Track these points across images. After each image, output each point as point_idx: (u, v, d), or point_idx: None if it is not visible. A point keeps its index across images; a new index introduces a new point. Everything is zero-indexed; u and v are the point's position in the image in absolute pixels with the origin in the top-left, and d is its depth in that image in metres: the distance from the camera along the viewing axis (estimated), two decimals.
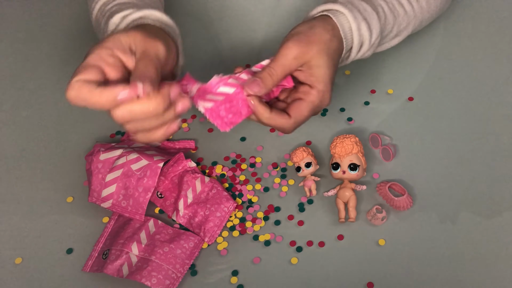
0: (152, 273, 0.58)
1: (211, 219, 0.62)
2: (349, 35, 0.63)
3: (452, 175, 0.66)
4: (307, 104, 0.60)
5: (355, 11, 0.63)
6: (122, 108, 0.51)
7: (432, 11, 0.72)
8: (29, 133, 0.74)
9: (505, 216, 0.62)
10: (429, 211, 0.63)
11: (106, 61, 0.53)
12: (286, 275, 0.60)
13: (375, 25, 0.64)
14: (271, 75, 0.59)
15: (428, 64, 0.77)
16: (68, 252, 0.63)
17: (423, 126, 0.70)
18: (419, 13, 0.70)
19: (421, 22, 0.72)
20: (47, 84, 0.79)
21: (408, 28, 0.70)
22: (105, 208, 0.64)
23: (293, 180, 0.67)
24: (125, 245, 0.61)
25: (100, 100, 0.51)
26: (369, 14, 0.64)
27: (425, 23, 0.74)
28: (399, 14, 0.68)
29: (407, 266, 0.60)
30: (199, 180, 0.65)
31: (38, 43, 0.84)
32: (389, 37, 0.69)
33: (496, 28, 0.80)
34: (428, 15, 0.72)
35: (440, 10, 0.75)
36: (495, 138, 0.69)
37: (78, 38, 0.84)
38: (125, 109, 0.51)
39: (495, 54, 0.77)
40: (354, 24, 0.62)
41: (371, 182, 0.66)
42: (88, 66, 0.52)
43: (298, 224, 0.64)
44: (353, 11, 0.63)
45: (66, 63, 0.81)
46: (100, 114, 0.75)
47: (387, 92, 0.74)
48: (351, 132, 0.70)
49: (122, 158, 0.64)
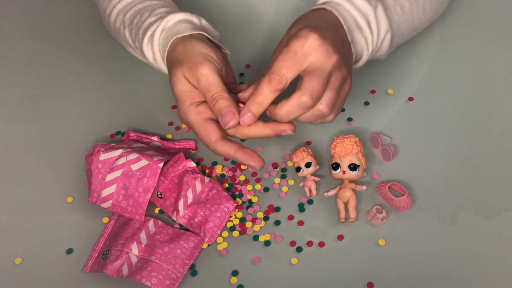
0: (152, 273, 0.58)
1: (211, 219, 0.62)
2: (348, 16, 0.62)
3: (452, 175, 0.66)
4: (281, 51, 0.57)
5: None
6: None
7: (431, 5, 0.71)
8: (29, 133, 0.74)
9: (505, 216, 0.62)
10: (429, 211, 0.63)
11: (204, 114, 0.60)
12: (286, 275, 0.60)
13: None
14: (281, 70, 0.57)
15: (428, 64, 0.77)
16: (68, 252, 0.63)
17: (423, 126, 0.70)
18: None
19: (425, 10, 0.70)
20: (47, 84, 0.79)
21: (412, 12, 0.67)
22: (105, 208, 0.64)
23: (293, 180, 0.67)
24: (125, 245, 0.61)
25: (236, 159, 0.59)
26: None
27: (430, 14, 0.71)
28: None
29: (407, 266, 0.60)
30: (199, 180, 0.65)
31: (38, 43, 0.84)
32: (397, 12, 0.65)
33: (496, 28, 0.80)
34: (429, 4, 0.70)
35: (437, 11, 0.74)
36: (495, 138, 0.69)
37: (78, 38, 0.84)
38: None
39: (495, 54, 0.77)
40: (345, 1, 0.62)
41: (371, 182, 0.66)
42: (206, 128, 0.59)
43: (298, 224, 0.64)
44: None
45: (66, 62, 0.81)
46: (100, 114, 0.75)
47: (387, 92, 0.74)
48: (351, 132, 0.70)
49: (122, 158, 0.64)
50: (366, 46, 0.64)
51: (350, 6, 0.62)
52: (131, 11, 0.68)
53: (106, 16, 0.71)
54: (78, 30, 0.85)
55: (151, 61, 0.66)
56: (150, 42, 0.65)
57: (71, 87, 0.78)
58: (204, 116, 0.59)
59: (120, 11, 0.69)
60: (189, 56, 0.59)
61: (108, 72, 0.80)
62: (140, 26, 0.66)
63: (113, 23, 0.70)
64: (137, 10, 0.68)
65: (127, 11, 0.68)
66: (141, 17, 0.67)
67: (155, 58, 0.66)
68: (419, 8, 0.69)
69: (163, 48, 0.64)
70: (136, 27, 0.67)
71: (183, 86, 0.60)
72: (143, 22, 0.66)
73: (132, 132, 0.71)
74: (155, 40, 0.64)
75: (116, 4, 0.69)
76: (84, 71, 0.80)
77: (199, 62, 0.58)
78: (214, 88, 0.58)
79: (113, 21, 0.70)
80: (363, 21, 0.63)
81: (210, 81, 0.58)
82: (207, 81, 0.58)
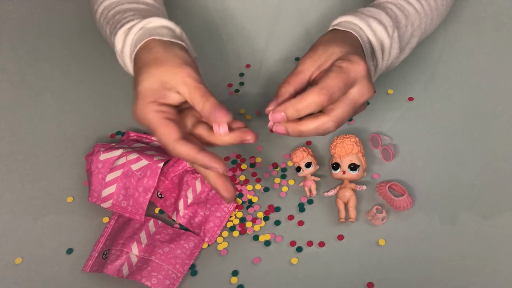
0: (152, 273, 0.58)
1: (211, 219, 0.62)
2: (362, 34, 0.62)
3: (452, 175, 0.66)
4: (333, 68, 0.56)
5: (359, 14, 0.62)
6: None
7: (441, 9, 0.71)
8: (29, 133, 0.74)
9: (505, 216, 0.62)
10: (429, 211, 0.63)
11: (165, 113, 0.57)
12: (286, 275, 0.60)
13: (385, 19, 0.63)
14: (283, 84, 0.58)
15: (428, 64, 0.77)
16: (68, 252, 0.63)
17: (423, 126, 0.70)
18: (429, 11, 0.69)
19: (432, 21, 0.71)
20: (47, 84, 0.79)
21: (421, 27, 0.69)
22: (105, 208, 0.64)
23: (293, 180, 0.67)
24: (125, 245, 0.61)
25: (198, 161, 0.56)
26: (375, 13, 0.63)
27: (436, 22, 0.72)
28: (410, 12, 0.67)
29: (407, 266, 0.60)
30: (199, 180, 0.65)
31: (38, 42, 0.84)
32: (407, 36, 0.67)
33: (496, 29, 0.80)
34: (436, 13, 0.71)
35: (448, 8, 0.74)
36: (495, 138, 0.69)
37: (78, 37, 0.84)
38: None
39: (495, 54, 0.77)
40: (362, 22, 0.61)
41: (371, 182, 0.66)
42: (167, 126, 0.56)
43: (298, 224, 0.64)
44: (357, 14, 0.62)
45: (66, 62, 0.81)
46: (100, 114, 0.75)
47: (387, 92, 0.74)
48: (351, 132, 0.70)
49: (122, 158, 0.64)
50: (374, 72, 0.65)
51: (371, 34, 0.62)
52: (116, 9, 0.67)
53: (94, 12, 0.71)
54: (79, 30, 0.85)
55: (118, 52, 0.64)
56: (124, 34, 0.63)
57: (71, 87, 0.78)
58: (165, 115, 0.56)
59: (105, 8, 0.69)
60: (173, 58, 0.58)
61: (108, 72, 0.79)
62: (120, 21, 0.65)
63: (98, 20, 0.70)
64: (122, 9, 0.67)
65: (112, 8, 0.68)
66: (123, 14, 0.66)
67: (123, 50, 0.63)
68: (427, 21, 0.70)
69: (135, 43, 0.61)
70: (116, 22, 0.65)
71: (151, 84, 0.57)
72: (125, 18, 0.65)
73: (132, 132, 0.71)
74: (130, 34, 0.62)
75: (102, 1, 0.69)
76: (85, 71, 0.80)
77: (186, 64, 0.57)
78: (203, 87, 0.57)
79: (98, 18, 0.70)
80: (379, 50, 0.63)
81: (199, 81, 0.57)
82: (196, 80, 0.57)
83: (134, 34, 0.62)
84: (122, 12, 0.66)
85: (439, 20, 0.73)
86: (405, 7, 0.67)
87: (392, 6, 0.66)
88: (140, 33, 0.61)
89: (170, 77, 0.57)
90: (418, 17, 0.68)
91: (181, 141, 0.55)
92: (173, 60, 0.57)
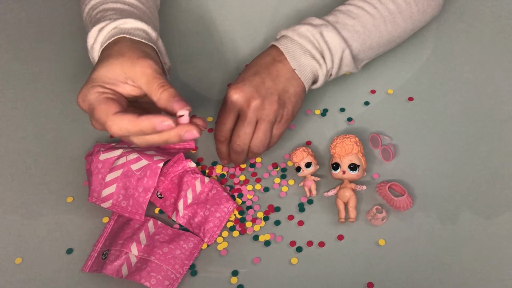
0: (152, 274, 0.58)
1: (210, 220, 0.62)
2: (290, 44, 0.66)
3: (452, 175, 0.66)
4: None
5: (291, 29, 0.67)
6: (141, 138, 0.53)
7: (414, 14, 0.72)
8: (29, 133, 0.74)
9: (505, 216, 0.62)
10: (429, 211, 0.63)
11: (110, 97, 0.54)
12: (286, 275, 0.60)
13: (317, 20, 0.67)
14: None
15: (428, 64, 0.77)
16: (68, 252, 0.63)
17: (423, 126, 0.70)
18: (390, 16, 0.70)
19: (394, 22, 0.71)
20: (46, 84, 0.79)
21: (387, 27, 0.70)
22: (105, 208, 0.64)
23: (293, 180, 0.67)
24: (124, 246, 0.61)
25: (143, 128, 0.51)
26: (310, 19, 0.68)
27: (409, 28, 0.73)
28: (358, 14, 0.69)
29: (407, 266, 0.60)
30: (199, 180, 0.65)
31: (37, 42, 0.84)
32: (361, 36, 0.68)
33: (495, 28, 0.80)
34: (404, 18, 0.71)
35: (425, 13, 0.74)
36: (495, 138, 0.69)
37: (78, 37, 0.84)
38: (143, 139, 0.53)
39: (494, 53, 0.77)
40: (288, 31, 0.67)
41: (371, 182, 0.66)
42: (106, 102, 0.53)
43: (298, 224, 0.64)
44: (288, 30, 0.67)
45: (66, 63, 0.81)
46: None
47: (387, 92, 0.74)
48: (351, 132, 0.70)
49: (122, 158, 0.64)
50: (319, 66, 0.66)
51: (295, 34, 0.67)
52: (99, 8, 0.67)
53: (81, 12, 0.71)
54: (78, 30, 0.85)
55: (88, 47, 0.63)
56: (97, 31, 0.61)
57: (71, 87, 0.78)
58: (107, 95, 0.54)
59: (91, 7, 0.68)
60: (135, 51, 0.57)
61: None
62: (99, 19, 0.64)
63: (85, 19, 0.70)
64: (106, 8, 0.67)
65: (96, 8, 0.67)
66: (105, 13, 0.65)
67: (94, 46, 0.62)
68: (387, 23, 0.70)
69: (106, 40, 0.60)
70: (97, 20, 0.65)
71: (106, 71, 0.55)
72: (104, 17, 0.64)
73: None
74: (103, 31, 0.61)
75: (90, 0, 0.69)
76: (84, 71, 0.80)
77: (147, 57, 0.56)
78: (163, 78, 0.55)
79: (85, 17, 0.69)
80: (309, 45, 0.66)
81: (158, 72, 0.55)
82: (156, 71, 0.55)
83: (107, 31, 0.61)
84: (104, 11, 0.66)
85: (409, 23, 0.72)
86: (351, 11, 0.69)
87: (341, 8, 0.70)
88: (114, 32, 0.61)
89: (128, 68, 0.55)
90: (371, 18, 0.69)
91: (119, 114, 0.52)
92: (135, 53, 0.56)
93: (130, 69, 0.55)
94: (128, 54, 0.56)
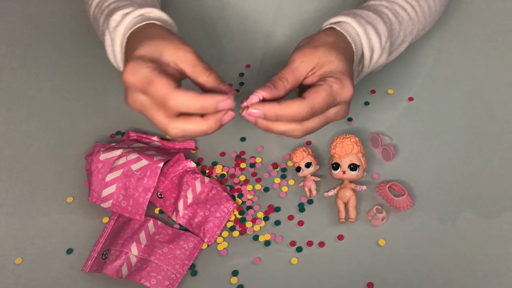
0: (152, 274, 0.58)
1: (210, 220, 0.62)
2: (357, 40, 0.62)
3: (452, 175, 0.66)
4: (324, 87, 0.55)
5: (359, 17, 0.62)
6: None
7: (433, 15, 0.72)
8: (29, 133, 0.74)
9: (505, 216, 0.62)
10: (429, 211, 0.63)
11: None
12: (286, 275, 0.60)
13: (381, 28, 0.64)
14: (281, 78, 0.57)
15: (428, 64, 0.77)
16: (68, 252, 0.63)
17: (423, 126, 0.70)
18: (422, 17, 0.70)
19: (424, 27, 0.72)
20: (47, 84, 0.79)
21: (412, 33, 0.70)
22: (105, 208, 0.64)
23: (293, 180, 0.67)
24: (124, 246, 0.61)
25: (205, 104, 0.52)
26: (373, 19, 0.64)
27: (427, 27, 0.73)
28: (403, 19, 0.67)
29: (407, 266, 0.60)
30: (199, 180, 0.65)
31: (37, 42, 0.84)
32: (398, 43, 0.68)
33: (495, 28, 0.80)
34: (430, 19, 0.72)
35: (439, 13, 0.74)
36: (495, 138, 0.69)
37: (79, 37, 0.84)
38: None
39: (494, 54, 0.77)
40: (360, 28, 0.62)
41: (371, 182, 0.66)
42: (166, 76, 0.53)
43: (298, 224, 0.64)
44: (356, 17, 0.62)
45: (66, 62, 0.81)
46: (100, 114, 0.75)
47: (387, 92, 0.74)
48: (351, 132, 0.70)
49: (122, 158, 0.64)
50: (357, 76, 0.66)
51: (366, 42, 0.62)
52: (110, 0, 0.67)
53: (87, 8, 0.71)
54: (78, 30, 0.85)
55: (111, 29, 0.61)
56: (122, 16, 0.61)
57: (71, 87, 0.78)
58: (161, 70, 0.53)
59: (100, 0, 0.68)
60: (176, 37, 0.57)
61: (108, 71, 0.79)
62: (117, 8, 0.63)
63: (93, 13, 0.69)
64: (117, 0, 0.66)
65: (106, 0, 0.67)
66: (120, 3, 0.65)
67: (117, 29, 0.60)
68: (419, 27, 0.70)
69: (134, 24, 0.59)
70: (112, 9, 0.64)
71: (150, 51, 0.55)
72: (122, 6, 0.63)
73: (132, 132, 0.71)
74: (129, 17, 0.60)
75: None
76: (84, 70, 0.80)
77: (188, 45, 0.57)
78: (204, 63, 0.56)
79: (93, 11, 0.69)
80: (368, 59, 0.64)
81: (200, 56, 0.57)
82: (199, 56, 0.56)
83: (133, 17, 0.60)
84: (118, 1, 0.66)
85: (431, 25, 0.74)
86: (399, 13, 0.67)
87: (388, 12, 0.66)
88: (140, 18, 0.60)
89: (171, 51, 0.56)
90: (411, 23, 0.69)
91: (181, 89, 0.52)
92: (177, 39, 0.57)
93: (174, 52, 0.56)
94: (170, 38, 0.57)
